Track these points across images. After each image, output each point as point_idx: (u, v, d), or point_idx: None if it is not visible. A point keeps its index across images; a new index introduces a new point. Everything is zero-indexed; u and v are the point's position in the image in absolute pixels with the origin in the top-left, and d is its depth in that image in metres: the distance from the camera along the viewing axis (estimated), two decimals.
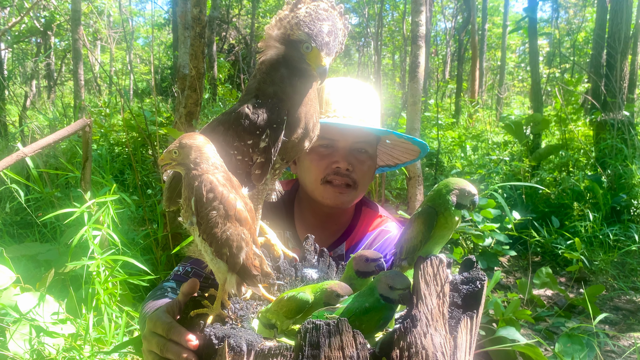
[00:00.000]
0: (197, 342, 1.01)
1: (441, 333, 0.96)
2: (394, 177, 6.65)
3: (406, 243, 1.15)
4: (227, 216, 0.97)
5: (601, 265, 4.65)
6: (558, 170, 6.98)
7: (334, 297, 1.00)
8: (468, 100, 12.45)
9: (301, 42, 1.08)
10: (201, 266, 1.61)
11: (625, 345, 3.47)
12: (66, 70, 15.18)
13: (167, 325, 1.07)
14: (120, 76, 15.20)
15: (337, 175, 1.64)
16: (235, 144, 1.11)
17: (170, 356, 1.05)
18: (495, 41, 21.93)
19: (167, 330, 1.07)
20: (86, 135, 3.13)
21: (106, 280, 2.34)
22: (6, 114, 7.81)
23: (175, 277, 1.60)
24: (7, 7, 11.27)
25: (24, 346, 2.28)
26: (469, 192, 1.10)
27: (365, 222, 1.81)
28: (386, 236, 1.78)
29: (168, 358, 1.06)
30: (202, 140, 1.00)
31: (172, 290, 1.51)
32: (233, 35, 14.20)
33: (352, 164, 1.64)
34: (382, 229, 1.80)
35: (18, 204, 4.32)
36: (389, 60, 23.80)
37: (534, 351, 2.09)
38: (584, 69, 10.28)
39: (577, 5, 18.86)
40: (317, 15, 1.08)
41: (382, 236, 1.79)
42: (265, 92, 1.13)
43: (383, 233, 1.79)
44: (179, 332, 1.04)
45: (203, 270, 1.59)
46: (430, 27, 14.71)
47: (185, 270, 1.61)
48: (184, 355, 1.01)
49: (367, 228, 1.80)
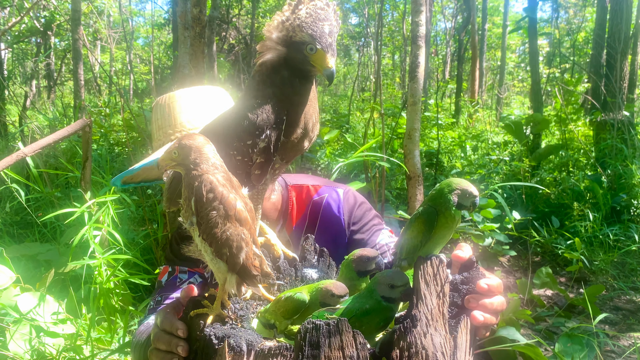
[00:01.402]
0: (185, 329, 1.05)
1: (441, 333, 0.96)
2: (394, 177, 6.65)
3: (406, 243, 1.15)
4: (227, 216, 0.97)
5: (601, 265, 4.65)
6: (558, 170, 6.98)
7: (329, 296, 1.00)
8: (468, 100, 12.45)
9: (304, 44, 1.07)
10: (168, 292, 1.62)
11: (625, 345, 3.47)
12: (66, 70, 15.18)
13: (160, 314, 1.11)
14: (120, 76, 15.21)
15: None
16: (234, 144, 1.11)
17: (161, 346, 1.08)
18: (495, 41, 21.92)
19: (160, 321, 1.10)
20: (86, 135, 3.13)
21: (108, 280, 2.34)
22: (6, 114, 7.81)
23: (150, 312, 1.61)
24: (7, 7, 11.27)
25: (24, 346, 2.28)
26: (470, 192, 1.10)
27: (298, 201, 1.74)
28: (322, 203, 1.71)
29: (159, 348, 1.09)
30: (201, 140, 1.00)
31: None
32: (233, 35, 14.20)
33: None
34: (315, 198, 1.73)
35: (18, 203, 4.32)
36: (389, 60, 23.79)
37: (534, 351, 2.09)
38: (584, 69, 10.28)
39: (577, 5, 18.86)
40: (317, 16, 1.07)
41: (318, 205, 1.72)
42: (265, 92, 1.13)
43: (316, 202, 1.72)
44: (169, 321, 1.08)
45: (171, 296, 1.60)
46: (430, 27, 14.71)
47: (156, 301, 1.62)
48: (173, 342, 1.05)
49: (302, 206, 1.73)
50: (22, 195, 3.24)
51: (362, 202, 1.77)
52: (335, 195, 1.74)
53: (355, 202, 1.75)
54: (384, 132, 5.02)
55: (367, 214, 1.75)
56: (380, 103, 5.18)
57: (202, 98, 1.63)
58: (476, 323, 1.05)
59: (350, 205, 1.73)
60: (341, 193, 1.75)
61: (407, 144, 4.17)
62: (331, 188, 1.77)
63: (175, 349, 1.04)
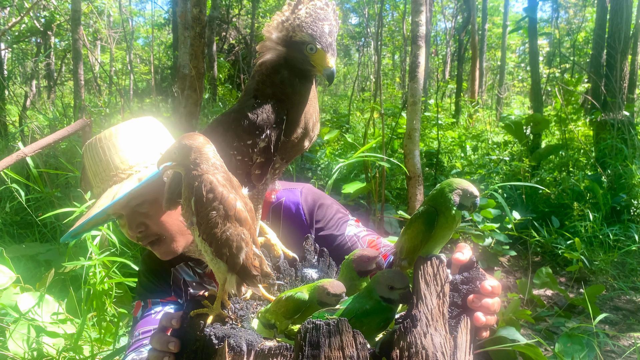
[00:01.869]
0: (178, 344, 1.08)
1: (441, 333, 0.96)
2: (394, 177, 6.65)
3: (406, 243, 1.15)
4: (227, 216, 0.97)
5: (601, 265, 4.65)
6: (558, 170, 6.98)
7: (326, 295, 1.00)
8: (468, 100, 12.44)
9: (304, 44, 1.07)
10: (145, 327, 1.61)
11: (625, 345, 3.47)
12: (66, 70, 15.17)
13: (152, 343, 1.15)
14: (120, 76, 15.20)
15: (140, 242, 1.52)
16: (235, 144, 1.11)
17: (155, 345, 1.10)
18: (495, 41, 21.91)
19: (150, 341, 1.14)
20: (86, 135, 3.13)
21: (102, 281, 2.34)
22: (6, 114, 7.81)
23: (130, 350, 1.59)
24: (7, 7, 11.27)
25: (23, 346, 2.28)
26: (471, 193, 1.10)
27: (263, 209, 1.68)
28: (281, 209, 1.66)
29: (154, 347, 1.11)
30: (201, 140, 1.00)
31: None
32: (233, 35, 14.20)
33: (141, 227, 1.48)
34: (273, 204, 1.68)
35: (18, 203, 4.32)
36: (389, 60, 23.79)
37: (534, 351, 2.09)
38: (584, 69, 10.28)
39: (577, 5, 18.86)
40: (317, 15, 1.07)
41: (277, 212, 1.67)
42: (265, 92, 1.13)
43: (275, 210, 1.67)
44: (164, 317, 1.13)
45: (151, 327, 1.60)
46: (430, 27, 14.71)
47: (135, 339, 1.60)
48: (164, 339, 1.09)
49: (264, 214, 1.66)
50: (22, 195, 3.24)
51: (321, 198, 1.71)
52: (293, 196, 1.69)
53: (315, 200, 1.69)
54: (384, 132, 5.02)
55: (329, 209, 1.69)
56: (380, 103, 5.18)
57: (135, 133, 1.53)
58: (478, 324, 1.05)
59: (309, 204, 1.67)
60: (298, 193, 1.69)
61: (407, 144, 4.17)
62: (288, 190, 1.71)
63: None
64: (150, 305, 1.66)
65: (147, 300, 1.67)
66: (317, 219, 1.66)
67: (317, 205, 1.67)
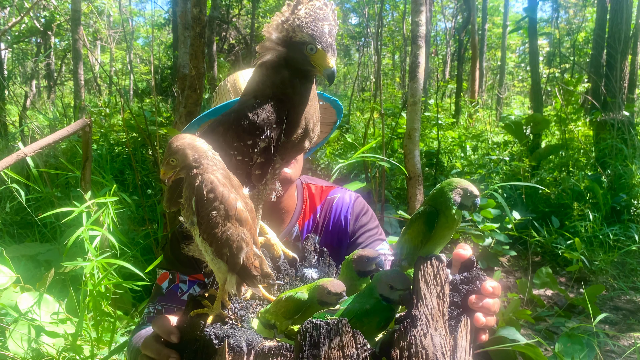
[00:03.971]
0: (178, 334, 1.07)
1: (441, 333, 0.96)
2: (394, 177, 6.65)
3: (407, 243, 1.15)
4: (227, 216, 0.97)
5: (601, 265, 4.65)
6: (558, 170, 6.98)
7: (326, 294, 1.00)
8: (468, 100, 12.44)
9: (304, 44, 1.07)
10: (169, 302, 1.62)
11: (625, 345, 3.47)
12: (66, 70, 15.18)
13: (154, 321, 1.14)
14: (120, 76, 15.20)
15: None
16: (235, 144, 1.11)
17: (149, 353, 1.10)
18: (495, 41, 21.91)
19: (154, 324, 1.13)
20: (86, 135, 3.13)
21: (99, 283, 2.33)
22: (6, 114, 7.81)
23: (149, 320, 1.59)
24: (7, 7, 11.27)
25: (23, 346, 2.28)
26: (471, 192, 1.10)
27: (311, 198, 1.83)
28: (333, 203, 1.81)
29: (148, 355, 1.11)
30: (190, 136, 1.00)
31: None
32: (233, 35, 14.20)
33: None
34: (328, 197, 1.82)
35: (18, 203, 4.32)
36: (389, 60, 23.77)
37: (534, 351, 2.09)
38: (584, 69, 10.28)
39: (577, 5, 18.86)
40: (317, 15, 1.07)
41: (329, 204, 1.81)
42: (265, 92, 1.13)
43: (329, 201, 1.81)
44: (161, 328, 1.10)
45: (174, 305, 1.60)
46: (430, 27, 14.72)
47: (156, 310, 1.61)
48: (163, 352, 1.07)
49: (315, 203, 1.82)
50: (22, 195, 3.24)
51: (370, 211, 1.86)
52: (348, 198, 1.83)
53: (363, 209, 1.83)
54: (384, 132, 5.02)
55: (371, 222, 1.82)
56: (380, 103, 5.18)
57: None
58: (478, 325, 1.05)
59: (357, 211, 1.81)
60: (352, 197, 1.84)
61: (407, 144, 4.17)
62: (344, 191, 1.86)
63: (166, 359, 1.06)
64: (177, 280, 1.65)
65: (176, 273, 1.66)
66: (359, 225, 1.79)
67: (362, 214, 1.81)
